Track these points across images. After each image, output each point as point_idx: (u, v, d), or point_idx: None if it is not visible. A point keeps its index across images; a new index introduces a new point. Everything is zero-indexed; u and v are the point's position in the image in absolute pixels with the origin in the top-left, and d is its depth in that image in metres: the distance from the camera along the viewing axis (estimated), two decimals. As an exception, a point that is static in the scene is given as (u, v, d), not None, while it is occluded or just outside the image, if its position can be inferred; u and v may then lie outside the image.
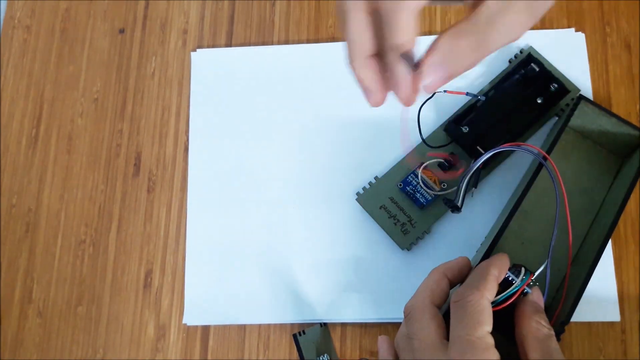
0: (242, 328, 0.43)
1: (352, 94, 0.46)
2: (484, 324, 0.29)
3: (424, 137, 0.42)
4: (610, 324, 0.40)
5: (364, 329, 0.42)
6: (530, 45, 0.45)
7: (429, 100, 0.43)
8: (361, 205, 0.43)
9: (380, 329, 0.42)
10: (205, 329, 0.43)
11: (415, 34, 0.25)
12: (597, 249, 0.35)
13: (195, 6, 0.51)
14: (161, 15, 0.51)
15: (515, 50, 0.45)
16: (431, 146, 0.42)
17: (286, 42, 0.49)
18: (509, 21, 0.24)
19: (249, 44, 0.49)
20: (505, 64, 0.45)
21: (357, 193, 0.43)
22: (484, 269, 0.31)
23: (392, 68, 0.26)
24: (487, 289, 0.30)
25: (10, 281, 0.45)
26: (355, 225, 0.43)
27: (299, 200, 0.44)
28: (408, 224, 0.42)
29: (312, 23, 0.49)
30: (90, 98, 0.49)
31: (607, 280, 0.40)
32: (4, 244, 0.46)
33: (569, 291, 0.36)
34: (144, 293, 0.44)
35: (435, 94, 0.43)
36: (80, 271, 0.45)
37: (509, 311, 0.32)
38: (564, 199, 0.35)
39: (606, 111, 0.39)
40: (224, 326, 0.43)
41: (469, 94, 0.42)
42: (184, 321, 0.43)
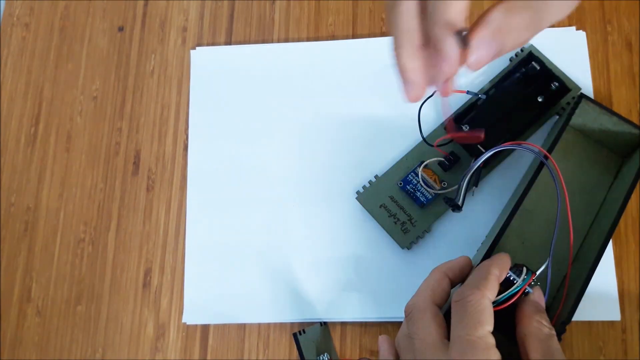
0: (242, 327, 0.43)
1: (352, 92, 0.46)
2: (484, 323, 0.28)
3: (425, 136, 0.42)
4: (611, 324, 0.40)
5: (364, 328, 0.42)
6: (531, 43, 0.45)
7: (429, 98, 0.43)
8: (361, 204, 0.43)
9: (380, 328, 0.41)
10: (205, 328, 0.43)
11: (466, 11, 0.24)
12: (598, 248, 0.35)
13: (195, 4, 0.50)
14: (160, 13, 0.51)
15: (516, 49, 0.45)
16: (432, 145, 0.42)
17: (286, 40, 0.49)
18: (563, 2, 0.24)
19: (249, 42, 0.49)
20: (506, 63, 0.45)
21: (357, 192, 0.43)
22: (485, 269, 0.31)
23: (440, 41, 0.24)
24: (488, 289, 0.30)
25: (9, 280, 0.45)
26: (355, 224, 0.43)
27: (298, 199, 0.44)
28: (408, 223, 0.42)
29: (312, 21, 0.49)
30: (89, 96, 0.49)
31: (608, 280, 0.40)
32: (3, 242, 0.46)
33: (569, 291, 0.36)
34: (144, 292, 0.44)
35: (436, 92, 0.43)
36: (80, 270, 0.45)
37: (510, 311, 0.32)
38: (565, 198, 0.35)
39: (607, 110, 0.39)
40: (224, 325, 0.43)
41: (469, 93, 0.42)
42: (183, 320, 0.43)
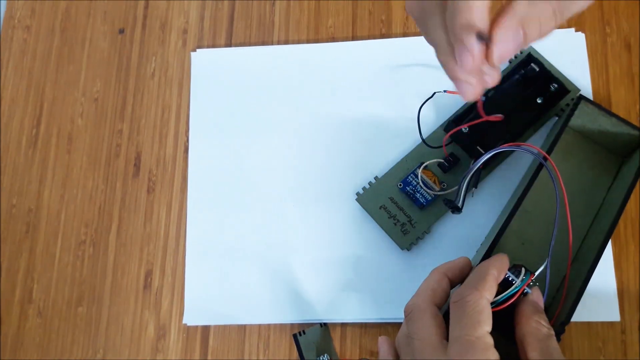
0: (242, 328, 0.43)
1: (352, 93, 0.46)
2: (483, 324, 0.29)
3: (424, 137, 0.42)
4: (610, 324, 0.40)
5: (364, 329, 0.42)
6: (530, 45, 0.45)
7: (429, 100, 0.43)
8: (361, 205, 0.43)
9: (380, 329, 0.42)
10: (205, 329, 0.43)
11: (487, 14, 0.23)
12: (597, 248, 0.35)
13: (195, 6, 0.51)
14: (161, 15, 0.51)
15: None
16: (431, 146, 0.42)
17: (286, 42, 0.49)
18: None
19: (249, 44, 0.49)
20: (505, 64, 0.45)
21: (357, 193, 0.43)
22: (483, 269, 0.31)
23: (459, 42, 0.24)
24: (486, 289, 0.30)
25: (11, 281, 0.45)
26: (355, 225, 0.43)
27: (299, 200, 0.44)
28: (408, 224, 0.42)
29: (312, 23, 0.49)
30: (90, 98, 0.49)
31: (607, 280, 0.40)
32: (4, 244, 0.46)
33: (569, 291, 0.36)
34: (144, 293, 0.44)
35: (435, 93, 0.43)
36: (81, 271, 0.45)
37: (509, 311, 0.32)
38: (564, 199, 0.35)
39: (606, 111, 0.39)
40: (224, 326, 0.43)
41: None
42: (184, 321, 0.43)
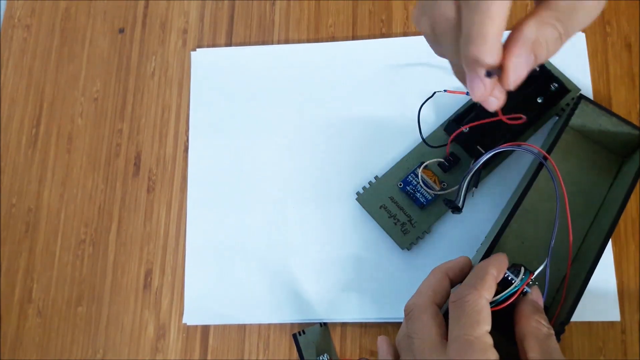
0: (242, 328, 0.43)
1: (353, 93, 0.46)
2: (482, 323, 0.29)
3: (424, 137, 0.42)
4: (611, 324, 0.40)
5: (364, 328, 0.42)
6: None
7: (429, 100, 0.43)
8: (361, 204, 0.43)
9: (380, 328, 0.42)
10: (205, 328, 0.43)
11: (497, 50, 0.24)
12: (597, 248, 0.35)
13: (195, 6, 0.51)
14: (161, 14, 0.51)
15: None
16: (431, 146, 0.42)
17: (286, 42, 0.49)
18: (590, 5, 0.24)
19: (249, 44, 0.49)
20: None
21: (357, 192, 0.43)
22: (482, 269, 0.31)
23: (472, 71, 0.25)
24: (485, 289, 0.30)
25: (10, 281, 0.45)
26: (355, 225, 0.43)
27: (298, 200, 0.44)
28: (408, 224, 0.42)
29: (312, 22, 0.49)
30: (90, 98, 0.49)
31: (608, 280, 0.40)
32: (4, 243, 0.46)
33: (569, 291, 0.36)
34: (144, 293, 0.44)
35: (436, 93, 0.43)
36: (80, 271, 0.45)
37: (509, 311, 0.32)
38: (564, 199, 0.35)
39: (606, 111, 0.39)
40: (224, 326, 0.43)
41: (469, 94, 0.42)
42: (183, 321, 0.43)
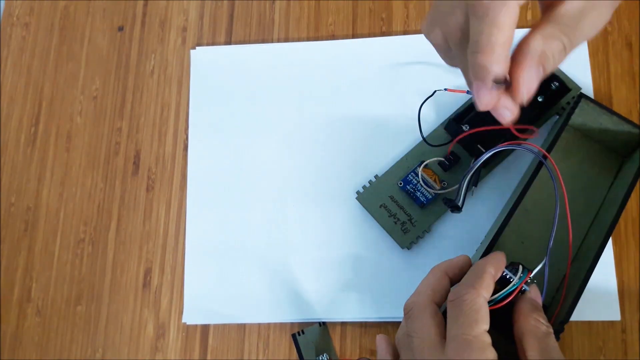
0: (242, 327, 0.43)
1: (353, 92, 0.46)
2: (480, 322, 0.28)
3: (425, 136, 0.42)
4: (611, 323, 0.40)
5: (364, 328, 0.42)
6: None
7: (429, 98, 0.43)
8: (361, 203, 0.43)
9: (380, 328, 0.41)
10: (205, 328, 0.43)
11: (505, 62, 0.24)
12: (597, 247, 0.35)
13: (195, 4, 0.50)
14: (160, 13, 0.51)
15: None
16: (432, 145, 0.42)
17: (286, 40, 0.49)
18: (595, 17, 0.25)
19: (249, 42, 0.49)
20: (505, 62, 0.45)
21: (357, 192, 0.43)
22: (480, 268, 0.31)
23: (479, 79, 0.25)
24: (483, 287, 0.30)
25: (9, 280, 0.45)
26: (355, 224, 0.43)
27: (298, 199, 0.44)
28: (408, 223, 0.42)
29: (312, 21, 0.49)
30: (89, 96, 0.49)
31: (608, 279, 0.40)
32: (3, 242, 0.46)
33: (568, 290, 0.36)
34: (143, 292, 0.44)
35: (436, 91, 0.43)
36: (80, 270, 0.45)
37: (508, 309, 0.32)
38: (564, 198, 0.35)
39: (607, 110, 0.39)
40: (224, 325, 0.43)
41: (469, 93, 0.42)
42: (183, 320, 0.43)
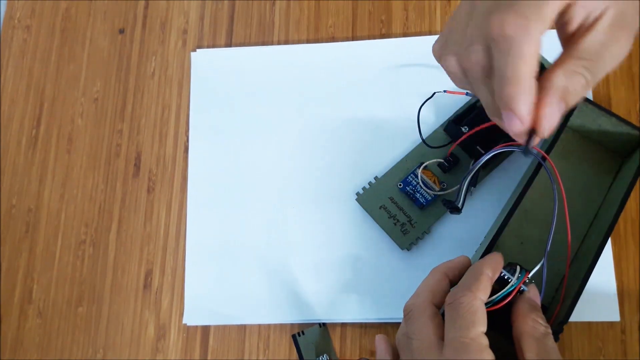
0: (242, 328, 0.43)
1: (352, 94, 0.46)
2: (477, 324, 0.28)
3: (424, 137, 0.42)
4: (610, 324, 0.40)
5: (364, 329, 0.42)
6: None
7: (428, 100, 0.43)
8: (361, 205, 0.43)
9: (379, 329, 0.42)
10: (205, 329, 0.43)
11: (535, 81, 0.24)
12: (597, 248, 0.35)
13: (195, 6, 0.51)
14: (161, 15, 0.51)
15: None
16: (431, 146, 0.42)
17: (286, 42, 0.49)
18: (616, 50, 0.25)
19: (249, 44, 0.49)
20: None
21: (357, 193, 0.43)
22: (477, 270, 0.31)
23: (508, 109, 0.25)
24: (480, 290, 0.30)
25: (11, 281, 0.45)
26: (355, 225, 0.43)
27: (298, 200, 0.44)
28: (408, 224, 0.42)
29: (312, 23, 0.49)
30: (90, 98, 0.49)
31: (607, 280, 0.40)
32: (4, 244, 0.46)
33: (568, 291, 0.36)
34: (144, 293, 0.44)
35: (436, 93, 0.43)
36: (80, 271, 0.45)
37: (507, 310, 0.32)
38: (562, 199, 0.35)
39: (606, 111, 0.39)
40: (224, 326, 0.43)
41: (469, 94, 0.42)
42: (184, 321, 0.43)
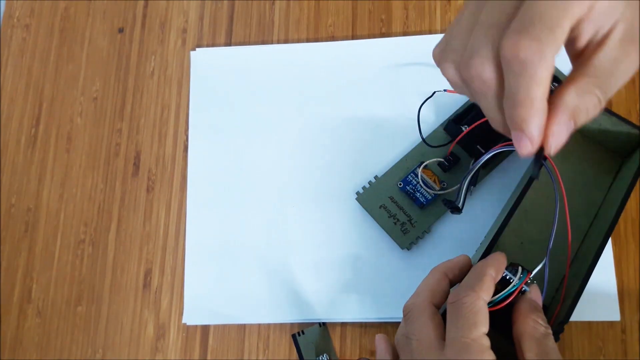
0: (242, 328, 0.43)
1: (352, 93, 0.46)
2: (479, 325, 0.28)
3: (424, 137, 0.42)
4: (610, 324, 0.40)
5: (364, 328, 0.42)
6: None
7: (429, 99, 0.43)
8: (361, 204, 0.43)
9: (379, 328, 0.41)
10: (205, 328, 0.43)
11: (546, 100, 0.24)
12: (597, 248, 0.35)
13: (195, 5, 0.51)
14: (160, 14, 0.51)
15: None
16: (431, 145, 0.42)
17: (286, 41, 0.49)
18: (627, 66, 0.25)
19: (249, 43, 0.49)
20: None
21: (357, 192, 0.43)
22: (481, 269, 0.31)
23: (519, 130, 0.25)
24: (483, 290, 0.30)
25: (10, 281, 0.45)
26: (355, 225, 0.43)
27: (298, 200, 0.44)
28: (408, 224, 0.42)
29: (312, 22, 0.49)
30: (89, 97, 0.49)
31: (608, 280, 0.40)
32: (3, 243, 0.46)
33: (568, 291, 0.36)
34: (144, 293, 0.44)
35: (436, 92, 0.43)
36: (80, 271, 0.45)
37: (509, 309, 0.32)
38: (563, 199, 0.35)
39: (606, 110, 0.39)
40: (224, 326, 0.43)
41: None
42: (183, 321, 0.43)
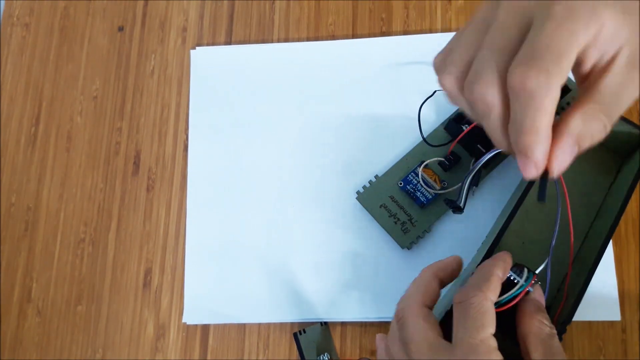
0: (242, 327, 0.43)
1: (353, 92, 0.46)
2: (487, 326, 0.28)
3: (425, 136, 0.42)
4: (611, 324, 0.40)
5: (364, 328, 0.42)
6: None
7: (429, 98, 0.43)
8: (361, 203, 0.43)
9: (380, 328, 0.41)
10: (205, 328, 0.43)
11: (551, 127, 0.24)
12: (598, 248, 0.35)
13: (195, 4, 0.50)
14: (160, 13, 0.51)
15: None
16: (432, 145, 0.42)
17: (286, 40, 0.49)
18: (632, 89, 0.25)
19: (249, 42, 0.49)
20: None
21: (357, 192, 0.43)
22: (488, 270, 0.31)
23: (524, 155, 0.25)
24: (491, 290, 0.30)
25: (10, 280, 0.45)
26: (355, 224, 0.43)
27: (298, 199, 0.44)
28: (408, 223, 0.42)
29: (312, 21, 0.49)
30: (89, 96, 0.49)
31: (608, 280, 0.40)
32: (3, 243, 0.46)
33: (570, 291, 0.36)
34: (144, 292, 0.44)
35: (436, 92, 0.43)
36: (80, 270, 0.45)
37: (511, 310, 0.32)
38: (565, 199, 0.35)
39: (607, 110, 0.39)
40: (224, 325, 0.43)
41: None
42: (183, 320, 0.43)
